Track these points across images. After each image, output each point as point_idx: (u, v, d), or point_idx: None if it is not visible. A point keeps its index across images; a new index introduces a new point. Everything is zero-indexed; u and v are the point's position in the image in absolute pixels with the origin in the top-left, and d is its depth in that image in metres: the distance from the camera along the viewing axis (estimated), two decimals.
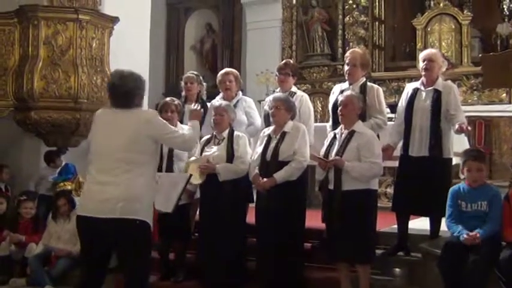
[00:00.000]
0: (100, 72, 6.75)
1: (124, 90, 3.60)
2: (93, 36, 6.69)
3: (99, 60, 6.78)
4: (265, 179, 4.74)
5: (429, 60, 4.95)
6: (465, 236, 4.14)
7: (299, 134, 4.80)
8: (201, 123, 5.68)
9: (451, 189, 4.46)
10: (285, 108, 4.85)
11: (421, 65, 5.03)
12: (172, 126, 3.93)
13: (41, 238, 5.85)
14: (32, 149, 7.11)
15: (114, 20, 6.88)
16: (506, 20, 8.95)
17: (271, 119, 5.07)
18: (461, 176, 4.53)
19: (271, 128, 4.95)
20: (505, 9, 9.06)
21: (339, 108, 4.65)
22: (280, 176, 4.69)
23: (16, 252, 5.84)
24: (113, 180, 3.50)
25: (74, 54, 6.50)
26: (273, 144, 4.81)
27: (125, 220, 3.45)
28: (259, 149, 4.90)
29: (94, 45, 6.69)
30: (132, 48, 7.45)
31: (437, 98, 4.85)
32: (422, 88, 4.97)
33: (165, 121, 3.88)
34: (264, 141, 4.90)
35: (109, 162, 3.55)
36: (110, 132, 3.60)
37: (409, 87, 5.12)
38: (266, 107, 5.41)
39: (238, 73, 5.89)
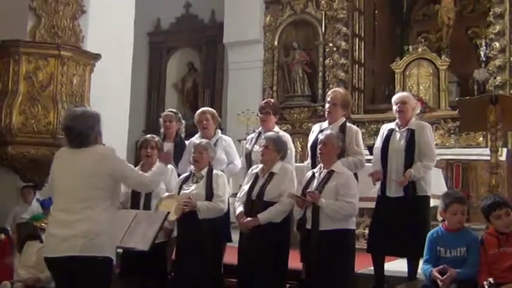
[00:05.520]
0: None
1: (77, 132, 3.61)
2: (75, 73, 6.68)
3: (80, 96, 6.75)
4: (248, 218, 4.70)
5: (402, 102, 5.05)
6: (434, 272, 4.08)
7: (287, 176, 4.78)
8: (179, 160, 5.72)
9: (428, 234, 4.36)
10: (275, 149, 4.83)
11: (394, 108, 5.11)
12: (131, 165, 3.94)
13: (9, 274, 5.71)
14: (7, 185, 7.00)
15: (96, 57, 6.90)
16: (482, 65, 9.15)
17: (253, 158, 5.04)
18: (439, 219, 4.49)
19: (260, 166, 4.92)
20: (482, 55, 9.27)
21: (319, 147, 4.68)
22: (264, 217, 4.64)
23: None
24: (74, 219, 3.48)
25: (54, 90, 6.48)
26: (259, 184, 4.78)
27: (86, 258, 3.43)
28: (246, 187, 4.87)
29: (75, 81, 6.68)
30: (113, 85, 7.46)
31: (410, 136, 4.93)
32: (397, 129, 5.05)
33: (122, 159, 3.86)
34: (252, 180, 4.87)
35: (69, 201, 3.54)
36: (69, 172, 3.61)
37: (384, 128, 5.18)
38: (247, 146, 5.41)
39: (215, 112, 5.89)
